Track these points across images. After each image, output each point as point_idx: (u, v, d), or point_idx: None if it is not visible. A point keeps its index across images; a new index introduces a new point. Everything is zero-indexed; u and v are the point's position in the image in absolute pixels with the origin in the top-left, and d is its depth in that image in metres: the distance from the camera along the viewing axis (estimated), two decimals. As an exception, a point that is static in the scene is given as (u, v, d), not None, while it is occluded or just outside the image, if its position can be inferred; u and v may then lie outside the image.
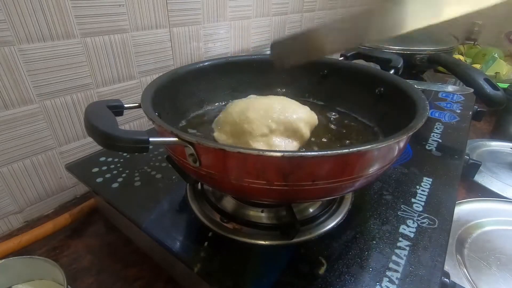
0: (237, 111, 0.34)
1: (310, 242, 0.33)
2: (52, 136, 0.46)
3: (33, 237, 0.40)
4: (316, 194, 0.28)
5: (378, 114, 0.41)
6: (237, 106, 0.35)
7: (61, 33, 0.42)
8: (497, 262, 0.41)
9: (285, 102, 0.35)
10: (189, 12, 0.58)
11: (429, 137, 0.54)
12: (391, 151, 0.27)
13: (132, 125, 0.57)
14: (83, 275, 0.38)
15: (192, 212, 0.37)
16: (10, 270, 0.32)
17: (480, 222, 0.47)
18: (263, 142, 0.32)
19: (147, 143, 0.23)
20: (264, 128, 0.32)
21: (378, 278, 0.29)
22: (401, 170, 0.44)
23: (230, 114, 0.34)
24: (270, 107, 0.33)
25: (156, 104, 0.32)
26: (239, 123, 0.33)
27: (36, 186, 0.46)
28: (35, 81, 0.41)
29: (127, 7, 0.48)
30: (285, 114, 0.33)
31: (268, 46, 0.82)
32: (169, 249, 0.32)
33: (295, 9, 0.87)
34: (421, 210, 0.37)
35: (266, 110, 0.33)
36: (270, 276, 0.29)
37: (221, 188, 0.32)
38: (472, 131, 0.75)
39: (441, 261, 0.30)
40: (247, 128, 0.32)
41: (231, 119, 0.34)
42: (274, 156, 0.23)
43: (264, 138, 0.32)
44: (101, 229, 0.45)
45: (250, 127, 0.32)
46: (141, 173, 0.43)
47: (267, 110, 0.33)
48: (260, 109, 0.33)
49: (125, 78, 0.52)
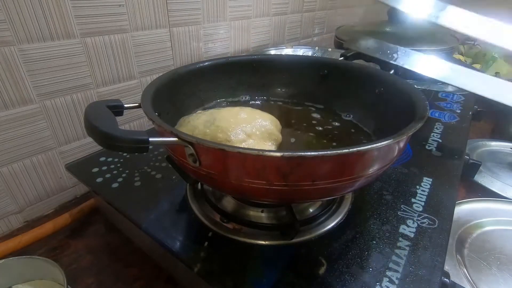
0: (202, 124, 0.33)
1: (310, 242, 0.33)
2: (52, 136, 0.46)
3: (33, 237, 0.40)
4: (316, 194, 0.28)
5: (378, 114, 0.41)
6: (198, 119, 0.34)
7: (61, 33, 0.42)
8: (497, 262, 0.41)
9: (247, 110, 0.35)
10: (189, 12, 0.58)
11: (429, 137, 0.54)
12: (391, 151, 0.27)
13: (132, 125, 0.57)
14: (83, 275, 0.38)
15: (192, 212, 0.37)
16: (10, 270, 0.32)
17: (480, 222, 0.47)
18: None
19: (147, 143, 0.23)
20: (241, 134, 0.32)
21: (378, 278, 0.29)
22: (401, 170, 0.44)
23: (195, 127, 0.32)
24: (236, 115, 0.33)
25: (156, 104, 0.32)
26: (210, 133, 0.32)
27: (36, 186, 0.46)
28: (35, 81, 0.41)
29: (127, 7, 0.48)
30: (254, 119, 0.33)
31: (268, 46, 0.82)
32: (169, 249, 0.32)
33: (295, 9, 0.87)
34: (421, 210, 0.37)
35: (235, 118, 0.33)
36: (270, 276, 0.29)
37: (221, 188, 0.32)
38: (472, 131, 0.75)
39: (441, 261, 0.30)
40: (222, 137, 0.31)
41: (199, 132, 0.32)
42: (273, 156, 0.23)
43: (243, 144, 0.32)
44: (101, 229, 0.45)
45: (226, 135, 0.31)
46: (141, 173, 0.43)
47: (235, 118, 0.33)
48: (227, 118, 0.33)
49: (125, 78, 0.52)
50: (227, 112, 0.34)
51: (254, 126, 0.33)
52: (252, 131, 0.33)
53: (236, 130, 0.32)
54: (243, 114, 0.34)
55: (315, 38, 1.04)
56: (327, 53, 0.76)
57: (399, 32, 0.75)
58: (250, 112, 0.35)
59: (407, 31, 0.76)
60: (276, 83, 0.50)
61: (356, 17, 1.24)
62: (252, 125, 0.33)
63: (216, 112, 0.34)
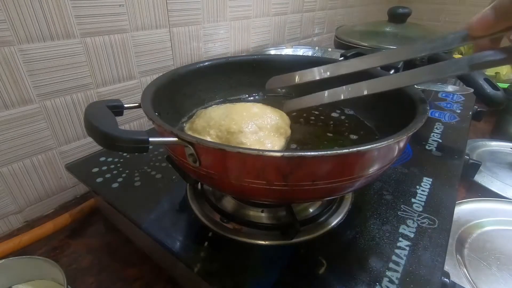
0: (218, 116, 0.35)
1: (310, 242, 0.33)
2: (52, 136, 0.46)
3: (33, 237, 0.40)
4: (316, 194, 0.28)
5: (378, 114, 0.41)
6: (215, 111, 0.36)
7: (61, 33, 0.42)
8: (497, 262, 0.41)
9: (258, 105, 0.38)
10: (189, 12, 0.58)
11: (429, 137, 0.54)
12: (391, 151, 0.27)
13: (132, 125, 0.57)
14: (83, 275, 0.38)
15: (192, 212, 0.37)
16: (10, 270, 0.32)
17: (480, 222, 0.47)
18: (253, 139, 0.34)
19: (147, 143, 0.23)
20: (252, 127, 0.34)
21: (378, 278, 0.29)
22: (401, 170, 0.44)
23: (212, 119, 0.35)
24: (249, 109, 0.36)
25: (156, 104, 0.32)
26: (225, 124, 0.34)
27: (36, 186, 0.46)
28: (35, 81, 0.41)
29: (127, 7, 0.48)
30: (265, 114, 0.36)
31: (268, 46, 0.82)
32: (169, 249, 0.32)
33: (295, 9, 0.87)
34: (421, 210, 0.37)
35: (248, 112, 0.36)
36: (270, 276, 0.29)
37: (221, 188, 0.32)
38: (472, 131, 0.75)
39: (441, 261, 0.30)
40: (236, 128, 0.33)
41: (215, 123, 0.35)
42: (273, 156, 0.23)
43: (254, 135, 0.34)
44: (101, 229, 0.45)
45: (239, 126, 0.34)
46: (141, 173, 0.43)
47: (248, 112, 0.36)
48: (241, 112, 0.35)
49: (125, 78, 0.52)
50: (241, 106, 0.37)
51: (265, 120, 0.35)
52: (263, 124, 0.35)
53: (248, 122, 0.34)
54: (255, 108, 0.37)
55: (315, 38, 1.04)
56: (327, 53, 0.76)
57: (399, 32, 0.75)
58: (262, 107, 0.37)
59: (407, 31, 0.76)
60: (276, 83, 0.50)
61: (356, 17, 1.24)
62: (263, 119, 0.35)
63: (231, 106, 0.37)
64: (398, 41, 0.71)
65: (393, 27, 0.77)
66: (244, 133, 0.33)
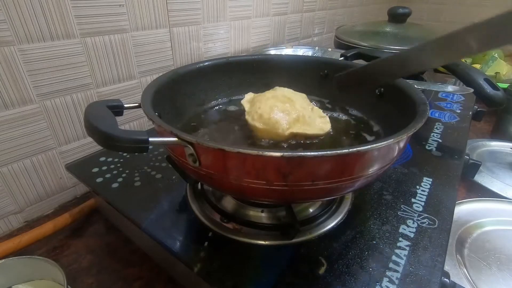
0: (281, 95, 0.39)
1: (310, 242, 0.33)
2: (52, 136, 0.46)
3: (33, 237, 0.40)
4: (316, 194, 0.28)
5: (378, 114, 0.41)
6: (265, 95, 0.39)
7: (61, 33, 0.42)
8: (497, 262, 0.41)
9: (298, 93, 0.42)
10: (189, 12, 0.58)
11: (429, 137, 0.54)
12: (391, 151, 0.27)
13: (132, 125, 0.57)
14: (83, 275, 0.38)
15: (192, 212, 0.37)
16: (10, 270, 0.32)
17: (480, 222, 0.47)
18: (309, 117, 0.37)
19: (147, 143, 0.23)
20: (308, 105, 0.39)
21: (378, 278, 0.29)
22: (401, 170, 0.44)
23: (275, 96, 0.38)
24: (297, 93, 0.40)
25: (156, 104, 0.32)
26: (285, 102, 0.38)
27: (36, 186, 0.46)
28: (35, 81, 0.41)
29: (127, 7, 0.48)
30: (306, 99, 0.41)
31: (268, 46, 0.82)
32: (169, 249, 0.32)
33: (295, 9, 0.87)
34: (421, 210, 0.37)
35: (301, 96, 0.40)
36: (270, 276, 0.29)
37: (221, 188, 0.32)
38: (472, 131, 0.75)
39: (441, 261, 0.30)
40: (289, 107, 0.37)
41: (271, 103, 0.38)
42: (273, 156, 0.23)
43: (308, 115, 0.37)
44: (101, 229, 0.45)
45: (299, 105, 0.38)
46: (141, 173, 0.43)
47: (296, 94, 0.40)
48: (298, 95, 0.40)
49: (125, 78, 0.52)
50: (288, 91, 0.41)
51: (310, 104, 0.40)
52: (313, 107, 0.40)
53: (304, 104, 0.38)
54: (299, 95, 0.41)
55: (315, 38, 1.04)
56: (327, 53, 0.76)
57: (399, 32, 0.75)
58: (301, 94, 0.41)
59: (407, 31, 0.76)
60: (276, 84, 0.50)
61: (356, 17, 1.24)
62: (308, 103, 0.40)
63: (280, 89, 0.41)
64: (398, 41, 0.71)
65: (393, 27, 0.77)
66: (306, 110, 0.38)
